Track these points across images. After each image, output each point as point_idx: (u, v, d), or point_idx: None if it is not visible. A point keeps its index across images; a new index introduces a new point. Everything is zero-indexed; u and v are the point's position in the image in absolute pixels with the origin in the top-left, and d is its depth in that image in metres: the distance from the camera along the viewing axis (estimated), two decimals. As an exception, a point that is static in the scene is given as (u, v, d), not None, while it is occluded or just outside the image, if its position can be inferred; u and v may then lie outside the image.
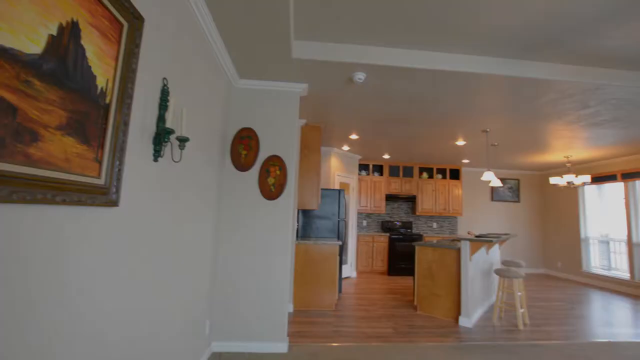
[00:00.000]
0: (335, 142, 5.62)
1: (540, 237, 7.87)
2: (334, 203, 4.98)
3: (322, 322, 3.63)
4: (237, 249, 2.87)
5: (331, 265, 4.14)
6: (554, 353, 3.00)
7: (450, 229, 7.65)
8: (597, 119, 3.95)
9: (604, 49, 2.61)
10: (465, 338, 3.30)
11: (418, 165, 7.41)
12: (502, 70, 2.85)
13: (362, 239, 6.80)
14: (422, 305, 4.09)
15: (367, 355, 2.80)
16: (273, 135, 3.02)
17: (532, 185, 8.03)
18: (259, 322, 2.81)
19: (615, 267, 6.30)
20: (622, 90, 3.06)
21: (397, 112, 3.95)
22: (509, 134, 4.72)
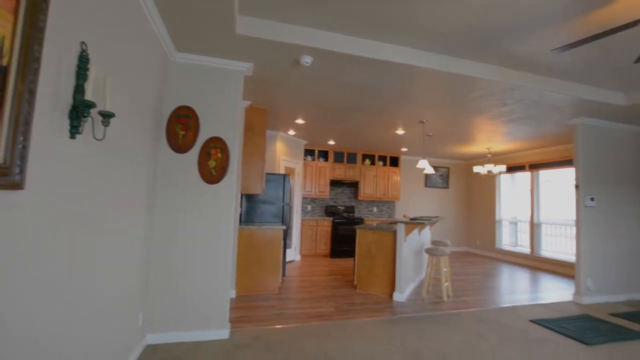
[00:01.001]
0: (281, 126, 5.54)
1: (464, 219, 8.84)
2: (279, 188, 4.95)
3: (266, 305, 3.65)
4: (174, 236, 2.70)
5: (275, 249, 4.14)
6: (469, 319, 3.45)
7: (389, 212, 8.17)
8: (513, 116, 4.49)
9: (520, 54, 2.95)
10: (398, 311, 3.61)
11: (361, 152, 7.70)
12: (441, 65, 3.05)
13: (307, 223, 6.92)
14: (361, 284, 4.35)
15: (309, 334, 2.90)
16: (214, 116, 2.86)
17: (460, 173, 8.92)
18: (199, 311, 2.72)
19: (520, 244, 7.41)
20: (532, 91, 3.52)
21: (344, 99, 4.02)
22: (442, 125, 5.13)
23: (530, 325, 3.33)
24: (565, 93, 3.54)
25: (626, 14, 2.26)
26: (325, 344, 2.72)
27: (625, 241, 4.59)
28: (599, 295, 4.34)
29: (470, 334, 3.04)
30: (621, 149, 4.69)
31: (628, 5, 2.16)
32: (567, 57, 2.99)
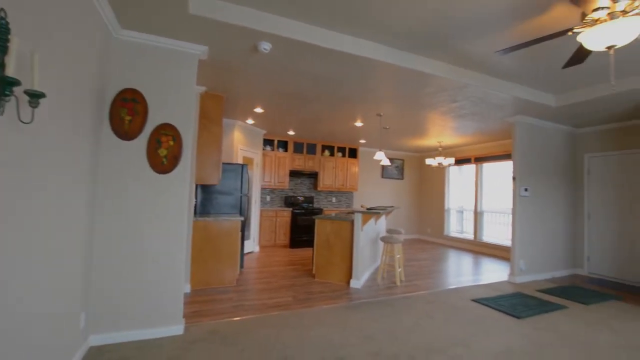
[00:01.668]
0: (240, 114, 5.36)
1: (417, 209, 9.36)
2: (236, 178, 4.82)
3: (223, 298, 3.57)
4: (122, 230, 2.51)
5: (232, 241, 4.05)
6: (420, 301, 3.69)
7: (347, 203, 8.37)
8: (461, 112, 4.80)
9: (470, 54, 3.15)
10: (354, 297, 3.74)
11: (321, 143, 7.75)
12: (399, 60, 3.14)
13: (266, 214, 6.85)
14: (320, 273, 4.44)
15: (266, 324, 2.90)
16: (165, 101, 2.67)
17: (413, 165, 9.38)
18: (150, 307, 2.58)
19: (465, 231, 8.05)
20: (479, 90, 3.78)
21: (303, 89, 3.99)
22: (398, 119, 5.33)
23: (472, 304, 3.66)
24: (506, 93, 3.86)
25: (557, 24, 2.50)
26: (283, 333, 2.74)
27: (550, 226, 5.20)
28: (529, 275, 4.89)
29: (420, 315, 3.26)
30: (550, 145, 5.27)
31: (559, 16, 2.40)
32: (509, 60, 3.26)
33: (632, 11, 1.83)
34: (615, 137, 5.06)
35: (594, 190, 5.30)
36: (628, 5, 1.81)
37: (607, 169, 5.16)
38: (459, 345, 2.64)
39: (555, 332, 2.97)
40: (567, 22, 2.48)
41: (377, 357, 2.38)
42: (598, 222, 5.22)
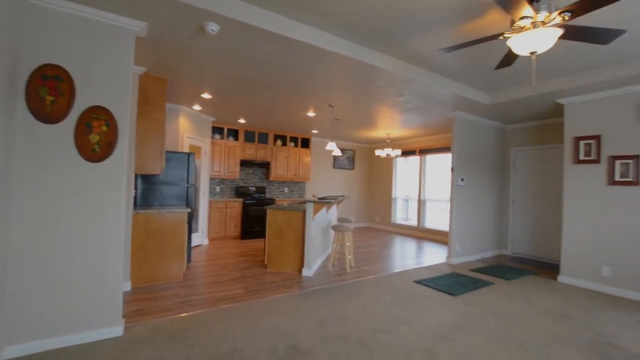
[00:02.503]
0: (185, 99, 5.02)
1: (367, 198, 9.75)
2: (182, 167, 4.54)
3: (169, 294, 3.39)
4: (46, 226, 2.23)
5: (178, 234, 3.84)
6: (368, 285, 3.88)
7: (300, 193, 8.40)
8: (408, 106, 5.06)
9: (417, 51, 3.31)
10: (306, 285, 3.81)
11: (273, 133, 7.62)
12: (350, 52, 3.18)
13: (215, 205, 6.59)
14: (272, 263, 4.42)
15: (216, 318, 2.83)
16: (96, 81, 2.40)
17: (364, 155, 9.71)
18: (83, 310, 2.35)
19: (410, 218, 8.60)
20: (424, 85, 4.01)
21: (254, 75, 3.86)
22: (349, 110, 5.44)
23: (414, 286, 3.95)
24: (447, 89, 4.15)
25: (492, 28, 2.73)
26: (233, 325, 2.70)
27: (481, 212, 5.79)
28: (464, 256, 5.41)
29: (368, 298, 3.43)
30: (483, 139, 5.81)
31: (493, 20, 2.62)
32: (450, 59, 3.49)
33: (549, 22, 2.06)
34: (536, 133, 5.75)
35: (518, 180, 6.00)
36: (546, 17, 2.04)
37: (528, 161, 5.86)
38: (403, 324, 2.84)
39: (483, 305, 3.34)
40: (501, 27, 2.72)
41: (327, 342, 2.47)
42: (520, 208, 5.93)
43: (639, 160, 3.74)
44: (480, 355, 2.34)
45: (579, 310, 3.30)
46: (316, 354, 2.29)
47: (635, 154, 3.76)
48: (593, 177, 4.10)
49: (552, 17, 2.04)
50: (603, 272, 3.96)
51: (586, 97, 4.17)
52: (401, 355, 2.31)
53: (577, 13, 1.96)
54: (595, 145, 4.08)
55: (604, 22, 2.58)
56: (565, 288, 4.04)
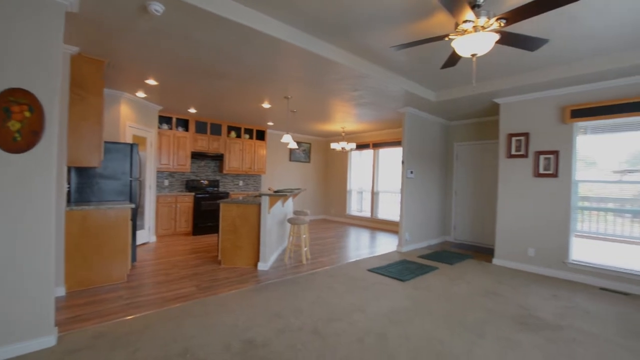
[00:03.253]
0: (127, 85, 4.60)
1: (323, 190, 9.88)
2: (124, 160, 4.18)
3: (111, 297, 3.13)
4: (-50, 226, 1.91)
5: (121, 232, 3.55)
6: (323, 276, 3.97)
7: (255, 186, 8.24)
8: (361, 101, 5.19)
9: (371, 47, 3.39)
10: (262, 280, 3.77)
11: (227, 124, 7.33)
12: (305, 43, 3.15)
13: (163, 200, 6.20)
14: (226, 259, 4.30)
15: (166, 318, 2.69)
16: (15, 60, 2.09)
17: (319, 148, 9.79)
18: (4, 320, 2.08)
19: (364, 210, 8.91)
20: (377, 81, 4.14)
21: (205, 63, 3.66)
22: (305, 103, 5.43)
23: (367, 274, 4.12)
24: (398, 86, 4.33)
25: (440, 28, 2.90)
26: (184, 325, 2.58)
27: (428, 202, 6.20)
28: (412, 244, 5.76)
29: (323, 289, 3.51)
30: (430, 134, 6.19)
31: (441, 22, 2.77)
32: (402, 57, 3.64)
33: (488, 27, 2.24)
34: (476, 130, 6.27)
35: (460, 172, 6.51)
36: (486, 22, 2.22)
37: (469, 155, 6.38)
38: (356, 310, 2.96)
39: (429, 289, 3.61)
40: (447, 29, 2.89)
41: (283, 333, 2.48)
42: (462, 198, 6.46)
43: (559, 155, 4.27)
44: (426, 335, 2.53)
45: (508, 288, 3.72)
46: (271, 346, 2.29)
47: (556, 150, 4.29)
48: (522, 170, 4.60)
49: (490, 23, 2.22)
50: (528, 253, 4.49)
51: (518, 98, 4.64)
52: (354, 340, 2.41)
53: (511, 20, 2.16)
54: (525, 141, 4.57)
55: (532, 31, 2.87)
56: (498, 269, 4.51)
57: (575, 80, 3.87)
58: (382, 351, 2.27)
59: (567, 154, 4.20)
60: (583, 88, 4.03)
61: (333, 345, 2.33)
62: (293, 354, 2.19)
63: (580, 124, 4.15)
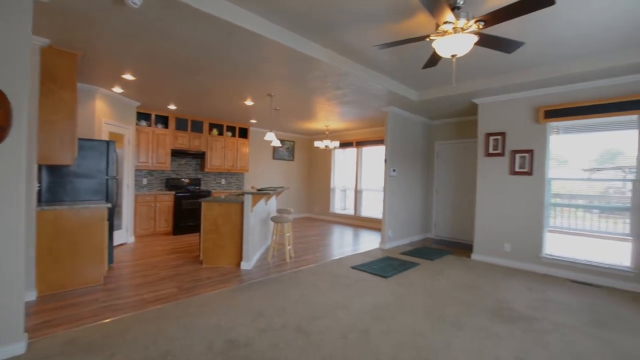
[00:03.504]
0: (103, 80, 4.43)
1: (306, 189, 9.87)
2: (100, 157, 4.02)
3: (86, 300, 3.02)
4: None
5: (96, 233, 3.42)
6: (307, 274, 3.97)
7: (238, 184, 8.13)
8: (345, 99, 5.21)
9: (353, 45, 3.40)
10: (245, 279, 3.74)
11: (208, 121, 7.19)
12: (291, 42, 3.14)
13: (142, 199, 6.01)
14: (208, 259, 4.23)
15: (145, 320, 2.62)
16: (-21, 51, 1.97)
17: (303, 147, 9.77)
18: (-32, 326, 1.96)
19: (347, 207, 8.97)
20: (360, 79, 4.16)
21: (185, 58, 3.57)
22: (288, 100, 5.40)
23: (351, 271, 4.15)
24: (381, 85, 4.37)
25: (422, 29, 2.94)
26: (165, 327, 2.52)
27: (410, 200, 6.31)
28: (395, 241, 5.86)
29: (307, 287, 3.51)
30: (412, 133, 6.30)
31: (423, 22, 2.82)
32: (385, 56, 3.67)
33: (467, 29, 2.30)
34: (457, 129, 6.43)
35: (441, 170, 6.66)
36: (465, 24, 2.28)
37: (450, 154, 6.54)
38: (340, 307, 2.98)
39: (410, 285, 3.68)
40: (429, 29, 2.94)
41: (266, 332, 2.47)
42: (442, 195, 6.61)
43: (533, 154, 4.44)
44: (408, 329, 2.58)
45: (486, 282, 3.85)
46: (254, 346, 2.27)
47: (530, 149, 4.46)
48: (499, 168, 4.76)
49: (469, 25, 2.27)
50: (505, 249, 4.66)
51: (495, 99, 4.79)
52: (338, 336, 2.43)
53: (489, 23, 2.22)
54: (501, 140, 4.73)
55: (509, 34, 2.97)
56: (476, 264, 4.66)
57: (548, 83, 4.03)
58: (365, 347, 2.30)
59: (541, 153, 4.38)
60: (555, 90, 4.21)
61: (317, 343, 2.33)
62: (276, 353, 2.19)
63: (553, 124, 4.33)
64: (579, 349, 2.36)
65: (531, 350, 2.31)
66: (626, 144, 3.92)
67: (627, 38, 3.06)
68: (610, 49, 3.29)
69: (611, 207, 4.46)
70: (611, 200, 4.45)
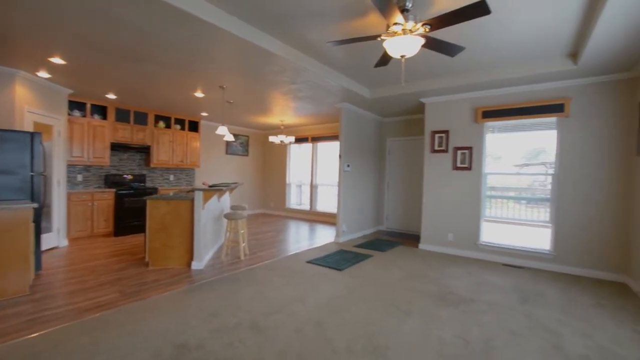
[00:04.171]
0: (24, 62, 3.88)
1: (261, 184, 9.70)
2: (22, 151, 3.54)
3: (8, 314, 2.66)
4: None
5: (20, 237, 3.02)
6: (263, 270, 3.92)
7: (188, 180, 7.72)
8: (300, 94, 5.19)
9: (309, 41, 3.39)
10: (196, 279, 3.58)
11: (154, 113, 6.69)
12: (244, 33, 3.02)
13: (77, 198, 5.43)
14: (155, 260, 3.97)
15: (82, 331, 2.38)
16: None
17: (258, 141, 9.56)
18: None
19: (303, 203, 9.00)
20: (315, 75, 4.18)
21: (127, 44, 3.26)
22: (242, 94, 5.23)
23: (307, 265, 4.19)
24: (336, 81, 4.43)
25: (374, 28, 3.03)
26: (106, 336, 2.32)
27: (364, 194, 6.53)
28: (349, 235, 6.02)
29: (262, 283, 3.47)
30: (365, 130, 6.50)
31: (375, 22, 2.90)
32: (339, 53, 3.72)
33: (415, 31, 2.42)
34: (406, 127, 6.77)
35: (392, 166, 6.98)
36: (413, 26, 2.39)
37: (400, 150, 6.87)
38: (295, 302, 2.99)
39: (364, 276, 3.82)
40: (380, 30, 3.04)
41: (219, 333, 2.39)
42: (393, 190, 6.94)
43: (472, 151, 4.85)
44: (362, 320, 2.68)
45: (431, 269, 4.14)
46: (207, 347, 2.19)
47: (470, 146, 4.86)
48: (443, 164, 5.12)
49: (417, 27, 2.39)
50: (448, 238, 5.05)
51: (440, 99, 5.12)
52: (293, 330, 2.44)
53: (434, 27, 2.36)
54: (445, 138, 5.09)
55: (454, 39, 3.18)
56: (424, 254, 4.99)
57: (485, 86, 4.42)
58: (320, 338, 2.35)
59: (479, 150, 4.80)
60: (491, 93, 4.63)
61: (272, 338, 2.32)
62: (230, 352, 2.14)
63: (489, 124, 4.76)
64: (509, 324, 2.65)
65: (469, 329, 2.55)
66: (548, 143, 4.45)
67: (545, 50, 3.47)
68: (535, 58, 3.70)
69: (536, 198, 5.06)
70: (536, 192, 5.05)
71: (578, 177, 4.07)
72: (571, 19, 2.81)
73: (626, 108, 3.78)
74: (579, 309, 3.00)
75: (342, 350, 2.21)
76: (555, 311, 2.93)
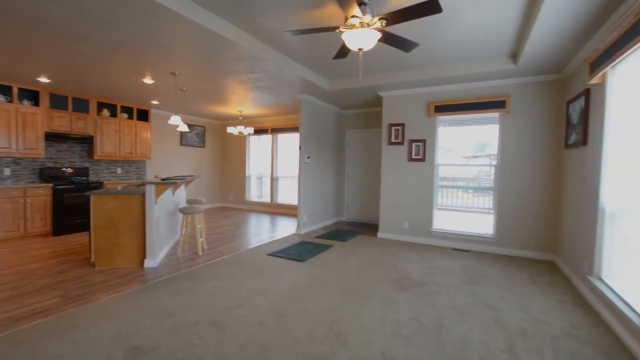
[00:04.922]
0: None
1: (219, 177, 9.37)
2: None
3: None
4: None
5: None
6: (222, 265, 3.82)
7: (138, 173, 7.21)
8: (259, 84, 5.06)
9: (268, 29, 3.30)
10: (150, 278, 3.39)
11: (96, 99, 6.10)
12: (196, 16, 2.85)
13: (5, 194, 4.82)
14: (102, 260, 3.68)
15: (14, 344, 2.14)
16: None
17: (215, 132, 9.19)
18: None
19: (264, 195, 8.88)
20: (273, 65, 4.09)
21: (58, 20, 2.91)
22: (197, 81, 4.96)
23: (268, 258, 4.16)
24: (295, 72, 4.38)
25: (333, 20, 3.03)
26: (45, 346, 2.12)
27: (324, 186, 6.61)
28: (310, 226, 6.08)
29: (222, 279, 3.38)
30: (325, 121, 6.54)
31: (334, 14, 2.90)
32: (298, 43, 3.67)
33: (372, 25, 2.46)
34: (365, 119, 6.92)
35: (352, 157, 7.12)
36: (370, 20, 2.43)
37: (359, 142, 7.02)
38: (257, 295, 2.97)
39: (324, 265, 3.89)
40: (339, 22, 3.04)
41: (176, 332, 2.30)
42: (353, 180, 7.10)
43: (426, 143, 5.11)
44: (323, 308, 2.74)
45: (389, 256, 4.33)
46: (164, 347, 2.10)
47: (424, 139, 5.12)
48: (399, 155, 5.34)
49: (374, 21, 2.44)
50: (404, 226, 5.31)
51: (397, 93, 5.30)
52: (255, 323, 2.43)
53: (390, 22, 2.42)
54: (401, 130, 5.30)
55: (409, 34, 3.30)
56: (382, 242, 5.20)
57: (436, 81, 4.65)
58: (282, 329, 2.36)
59: (432, 142, 5.07)
60: (443, 88, 4.89)
61: (233, 333, 2.29)
62: (189, 351, 2.07)
63: (441, 118, 5.04)
64: (458, 303, 2.88)
65: (423, 310, 2.72)
66: (492, 137, 4.83)
67: (491, 50, 3.74)
68: (482, 57, 3.98)
69: (482, 188, 5.51)
70: (481, 182, 5.49)
71: (515, 168, 4.49)
72: (511, 20, 3.04)
73: (557, 106, 4.22)
74: (516, 286, 3.34)
75: (304, 338, 2.24)
76: (496, 289, 3.24)
